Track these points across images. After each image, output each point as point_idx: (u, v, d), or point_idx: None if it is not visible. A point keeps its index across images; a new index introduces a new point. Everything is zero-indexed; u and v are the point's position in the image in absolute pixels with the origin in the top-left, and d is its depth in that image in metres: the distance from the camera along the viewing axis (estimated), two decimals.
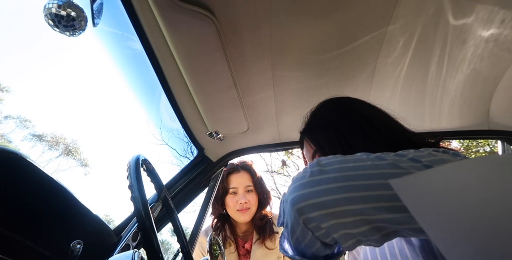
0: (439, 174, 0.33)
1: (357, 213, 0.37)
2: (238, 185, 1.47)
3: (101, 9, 0.82)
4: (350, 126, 0.65)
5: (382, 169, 0.39)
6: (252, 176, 1.51)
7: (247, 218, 1.46)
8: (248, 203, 1.45)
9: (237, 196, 1.47)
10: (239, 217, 1.46)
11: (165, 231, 14.39)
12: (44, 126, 49.58)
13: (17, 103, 39.23)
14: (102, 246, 0.69)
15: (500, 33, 0.89)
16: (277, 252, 1.46)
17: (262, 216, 1.50)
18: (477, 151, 6.56)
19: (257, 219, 1.49)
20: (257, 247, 1.45)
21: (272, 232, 1.48)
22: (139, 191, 0.57)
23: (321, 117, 0.75)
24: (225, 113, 1.14)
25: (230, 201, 1.47)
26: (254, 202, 1.48)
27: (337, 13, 0.84)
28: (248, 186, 1.49)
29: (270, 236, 1.46)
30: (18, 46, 58.93)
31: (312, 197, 0.39)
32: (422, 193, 0.31)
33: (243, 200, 1.44)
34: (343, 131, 0.64)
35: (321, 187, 0.39)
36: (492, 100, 1.14)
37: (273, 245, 1.45)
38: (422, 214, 0.30)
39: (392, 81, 1.10)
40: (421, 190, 0.31)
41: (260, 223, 1.49)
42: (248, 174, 1.52)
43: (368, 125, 0.64)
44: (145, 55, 0.91)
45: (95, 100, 73.05)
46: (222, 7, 0.77)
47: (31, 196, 0.53)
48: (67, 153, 20.89)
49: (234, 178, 1.49)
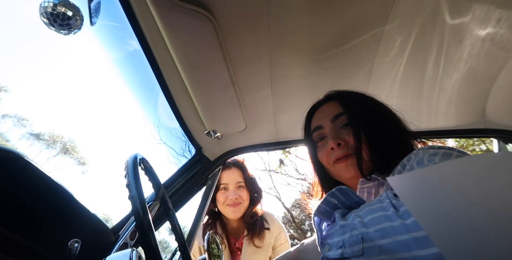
0: (436, 171, 0.33)
1: None
2: (229, 181, 1.48)
3: (98, 8, 0.81)
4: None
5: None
6: (243, 172, 1.53)
7: (238, 214, 1.47)
8: (239, 198, 1.46)
9: (227, 192, 1.48)
10: (229, 213, 1.46)
11: (163, 230, 14.36)
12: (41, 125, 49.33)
13: (14, 102, 38.99)
14: (99, 245, 0.69)
15: (496, 32, 0.90)
16: (266, 250, 1.46)
17: (253, 214, 1.51)
18: (473, 149, 6.60)
19: (247, 216, 1.49)
20: (247, 245, 1.45)
21: (261, 230, 1.48)
22: (137, 190, 0.57)
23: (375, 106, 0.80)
24: (223, 112, 1.14)
25: (220, 197, 1.47)
26: (245, 198, 1.49)
27: (334, 12, 0.84)
28: (239, 182, 1.50)
29: (259, 234, 1.46)
30: (14, 45, 58.57)
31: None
32: (419, 190, 0.31)
33: (234, 196, 1.45)
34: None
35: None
36: (488, 99, 1.14)
37: (261, 243, 1.45)
38: (419, 211, 0.30)
39: (389, 80, 1.11)
40: (418, 187, 0.32)
41: (250, 221, 1.49)
42: (239, 170, 1.53)
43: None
44: (143, 54, 0.90)
45: (92, 99, 72.79)
46: (220, 6, 0.77)
47: (29, 195, 0.53)
48: (65, 152, 20.80)
49: (225, 174, 1.49)
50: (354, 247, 0.45)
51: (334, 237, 0.50)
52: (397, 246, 0.39)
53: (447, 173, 0.33)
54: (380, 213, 0.44)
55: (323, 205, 0.55)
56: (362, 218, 0.46)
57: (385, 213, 0.43)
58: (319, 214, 0.55)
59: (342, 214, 0.53)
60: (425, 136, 1.29)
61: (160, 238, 15.41)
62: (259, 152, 7.81)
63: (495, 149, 1.34)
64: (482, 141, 6.33)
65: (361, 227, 0.45)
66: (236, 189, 1.49)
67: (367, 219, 0.45)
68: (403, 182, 0.33)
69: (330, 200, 0.55)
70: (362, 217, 0.47)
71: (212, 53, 0.86)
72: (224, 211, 1.49)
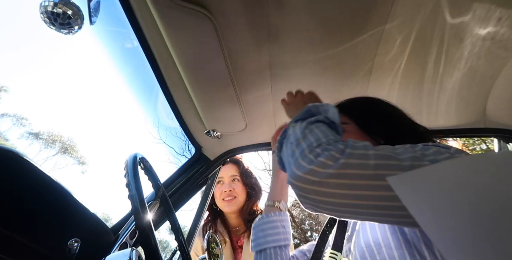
0: (436, 171, 0.33)
1: None
2: (224, 175, 1.50)
3: (98, 7, 0.81)
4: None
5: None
6: (238, 167, 1.55)
7: (233, 207, 1.47)
8: (232, 191, 1.47)
9: (223, 185, 1.49)
10: (224, 206, 1.48)
11: (163, 230, 14.38)
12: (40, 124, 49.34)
13: (13, 101, 39.01)
14: (99, 244, 0.69)
15: (497, 32, 0.89)
16: None
17: (252, 211, 1.51)
18: (473, 149, 6.60)
19: (245, 213, 1.49)
20: (248, 243, 1.44)
21: None
22: (137, 190, 0.57)
23: (377, 107, 0.82)
24: (222, 111, 1.14)
25: (217, 191, 1.49)
26: (240, 191, 1.50)
27: (334, 11, 0.84)
28: (233, 175, 1.52)
29: None
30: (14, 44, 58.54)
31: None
32: (419, 190, 0.31)
33: (228, 188, 1.47)
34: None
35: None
36: (488, 98, 1.14)
37: None
38: (419, 210, 0.30)
39: (390, 79, 1.11)
40: (418, 187, 0.32)
41: (250, 218, 1.49)
42: (234, 165, 1.55)
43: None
44: (142, 52, 0.90)
45: (92, 98, 72.77)
46: (220, 5, 0.77)
47: (28, 195, 0.53)
48: (64, 151, 20.81)
49: (221, 169, 1.51)
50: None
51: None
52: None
53: (447, 172, 0.33)
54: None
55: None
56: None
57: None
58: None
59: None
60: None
61: (160, 238, 15.43)
62: (259, 151, 7.81)
63: (496, 148, 1.34)
64: (483, 140, 6.33)
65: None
66: (231, 182, 1.51)
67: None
68: (403, 182, 0.33)
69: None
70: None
71: (212, 52, 0.86)
72: (220, 205, 1.50)
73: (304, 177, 0.46)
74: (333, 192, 0.45)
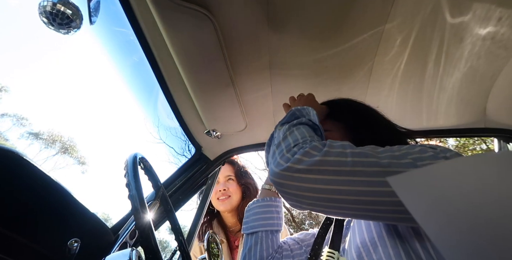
0: (436, 171, 0.33)
1: None
2: (220, 175, 1.51)
3: (98, 7, 0.81)
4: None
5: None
6: (234, 167, 1.56)
7: (228, 206, 1.48)
8: (227, 190, 1.49)
9: (218, 185, 1.50)
10: (219, 206, 1.49)
11: (163, 230, 14.37)
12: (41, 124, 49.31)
13: (13, 101, 38.98)
14: (99, 244, 0.69)
15: (497, 31, 0.89)
16: None
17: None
18: (473, 149, 6.60)
19: (241, 213, 1.49)
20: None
21: None
22: (137, 189, 0.57)
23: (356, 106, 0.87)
24: (222, 111, 1.14)
25: (213, 191, 1.49)
26: (234, 190, 1.51)
27: (334, 11, 0.84)
28: (228, 175, 1.54)
29: None
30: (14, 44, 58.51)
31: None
32: (419, 191, 0.31)
33: (222, 187, 1.48)
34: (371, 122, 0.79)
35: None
36: (488, 98, 1.14)
37: None
38: (419, 211, 0.30)
39: (390, 79, 1.10)
40: (418, 188, 0.32)
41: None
42: (230, 165, 1.57)
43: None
44: (143, 53, 0.90)
45: (92, 98, 72.76)
46: (220, 5, 0.77)
47: (28, 195, 0.53)
48: (64, 151, 20.80)
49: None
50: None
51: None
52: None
53: (447, 172, 0.33)
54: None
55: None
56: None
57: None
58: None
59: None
60: (425, 135, 1.30)
61: (160, 238, 15.43)
62: (259, 151, 7.81)
63: (496, 148, 1.34)
64: (483, 140, 6.33)
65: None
66: (225, 182, 1.52)
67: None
68: (403, 182, 0.33)
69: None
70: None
71: (212, 52, 0.86)
72: (215, 205, 1.52)
73: (282, 173, 0.50)
74: (312, 187, 0.48)
